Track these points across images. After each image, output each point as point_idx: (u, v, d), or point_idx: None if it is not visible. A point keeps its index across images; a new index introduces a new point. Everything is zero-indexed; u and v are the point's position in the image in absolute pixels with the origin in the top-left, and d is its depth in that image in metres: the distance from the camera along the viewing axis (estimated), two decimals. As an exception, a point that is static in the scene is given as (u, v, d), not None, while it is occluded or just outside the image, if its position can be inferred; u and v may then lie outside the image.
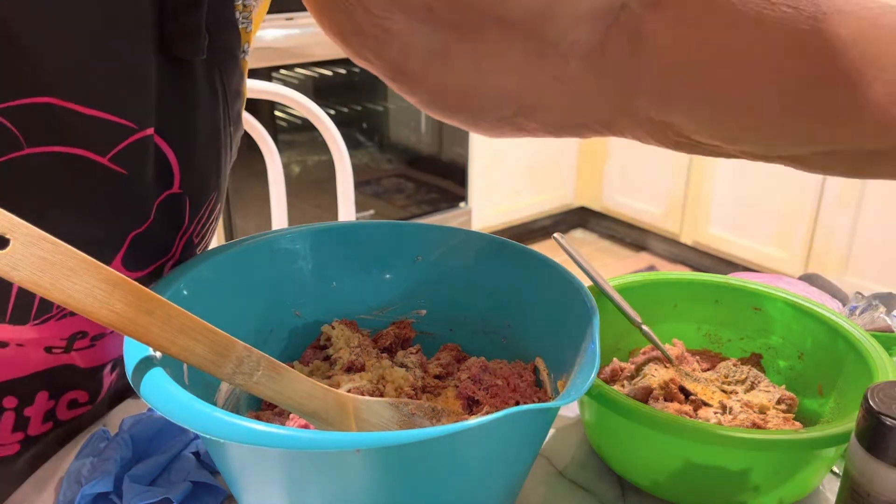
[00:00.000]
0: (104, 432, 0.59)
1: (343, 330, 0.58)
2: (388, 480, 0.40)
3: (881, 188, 2.15)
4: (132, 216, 0.49)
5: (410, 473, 0.40)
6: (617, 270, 2.74)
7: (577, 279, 0.53)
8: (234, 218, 2.11)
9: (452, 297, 0.60)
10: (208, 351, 0.40)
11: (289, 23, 2.05)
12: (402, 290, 0.61)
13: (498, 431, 0.39)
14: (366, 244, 0.60)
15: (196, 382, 0.48)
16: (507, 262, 0.57)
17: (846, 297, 0.78)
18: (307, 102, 1.16)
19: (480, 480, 0.43)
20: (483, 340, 0.60)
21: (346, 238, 0.60)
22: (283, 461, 0.39)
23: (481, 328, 0.60)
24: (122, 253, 0.50)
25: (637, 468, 0.56)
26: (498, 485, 0.45)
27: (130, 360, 0.41)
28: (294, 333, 0.59)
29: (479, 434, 0.38)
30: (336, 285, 0.60)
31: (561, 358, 0.52)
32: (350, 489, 0.40)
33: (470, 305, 0.60)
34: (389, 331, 0.60)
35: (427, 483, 0.41)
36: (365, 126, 2.46)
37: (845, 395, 0.59)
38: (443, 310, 0.61)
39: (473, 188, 2.64)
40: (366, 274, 0.61)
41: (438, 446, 0.38)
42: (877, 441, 0.41)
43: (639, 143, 0.57)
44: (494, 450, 0.42)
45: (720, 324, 0.68)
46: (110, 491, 0.53)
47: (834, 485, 0.57)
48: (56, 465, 0.59)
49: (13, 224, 0.34)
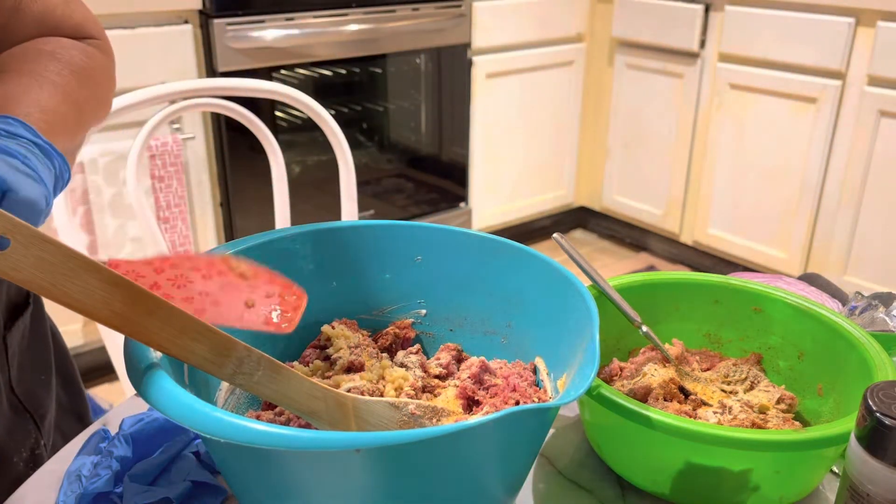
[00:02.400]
0: (104, 432, 0.59)
1: (343, 330, 0.58)
2: (388, 480, 0.40)
3: (881, 188, 2.15)
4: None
5: (410, 473, 0.40)
6: (617, 270, 2.74)
7: (576, 279, 0.53)
8: (235, 218, 2.11)
9: (452, 297, 0.60)
10: (209, 351, 0.40)
11: (289, 23, 2.05)
12: (401, 290, 0.61)
13: (498, 431, 0.39)
14: (366, 244, 0.60)
15: (196, 382, 0.48)
16: (507, 263, 0.58)
17: (846, 297, 0.78)
18: (310, 102, 1.16)
19: (480, 479, 0.43)
20: (483, 340, 0.60)
21: (347, 238, 0.60)
22: (284, 461, 0.39)
23: (481, 328, 0.60)
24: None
25: (637, 468, 0.56)
26: (498, 483, 0.45)
27: (130, 360, 0.41)
28: (294, 333, 0.59)
29: (479, 434, 0.38)
30: (336, 285, 0.60)
31: (561, 357, 0.52)
32: (350, 489, 0.40)
33: (470, 305, 0.60)
34: (389, 331, 0.60)
35: (427, 482, 0.41)
36: (365, 126, 2.46)
37: (845, 395, 0.59)
38: (443, 310, 0.61)
39: (473, 188, 2.64)
40: (366, 274, 0.61)
41: (438, 446, 0.38)
42: (876, 441, 0.41)
43: (638, 143, 0.57)
44: (494, 449, 0.42)
45: (720, 324, 0.68)
46: (110, 490, 0.53)
47: (834, 485, 0.57)
48: (56, 465, 0.58)
49: (14, 225, 0.34)
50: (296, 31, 2.07)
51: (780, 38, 2.25)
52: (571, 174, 2.93)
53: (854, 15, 2.11)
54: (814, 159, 2.26)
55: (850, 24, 2.11)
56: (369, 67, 2.35)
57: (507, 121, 2.66)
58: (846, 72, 2.16)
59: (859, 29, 2.11)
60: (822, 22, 2.16)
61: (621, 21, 2.66)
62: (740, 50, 2.35)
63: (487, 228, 2.74)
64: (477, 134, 2.59)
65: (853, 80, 2.15)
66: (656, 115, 2.64)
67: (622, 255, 2.92)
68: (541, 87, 2.70)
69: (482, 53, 2.51)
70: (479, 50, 2.50)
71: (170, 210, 1.94)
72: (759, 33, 2.29)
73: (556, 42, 2.69)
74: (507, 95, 2.62)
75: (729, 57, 2.40)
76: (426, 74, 2.48)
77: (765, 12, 2.27)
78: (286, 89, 1.16)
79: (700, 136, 2.54)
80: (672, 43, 2.51)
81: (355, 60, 2.28)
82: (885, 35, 2.05)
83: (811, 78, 2.22)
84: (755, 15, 2.29)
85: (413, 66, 2.45)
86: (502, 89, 2.60)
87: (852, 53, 2.14)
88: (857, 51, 2.13)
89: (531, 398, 0.53)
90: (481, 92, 2.54)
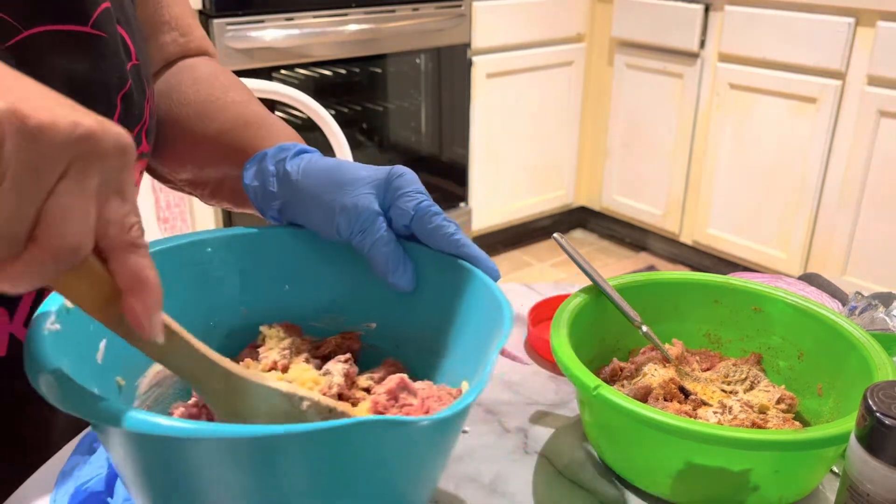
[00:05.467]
0: (102, 432, 0.59)
1: (278, 331, 0.57)
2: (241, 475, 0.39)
3: (881, 188, 2.15)
4: (117, 78, 0.60)
5: (266, 472, 0.39)
6: (617, 270, 2.74)
7: (505, 301, 0.50)
8: (235, 218, 2.11)
9: (401, 312, 0.58)
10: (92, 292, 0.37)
11: (289, 23, 2.05)
12: (355, 299, 0.59)
13: (353, 439, 0.37)
14: (325, 249, 0.58)
15: (113, 364, 0.47)
16: (449, 281, 0.55)
17: (846, 297, 0.78)
18: (310, 102, 1.16)
19: (342, 487, 0.41)
20: (428, 359, 0.57)
21: (307, 241, 0.58)
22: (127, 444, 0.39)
23: (427, 346, 0.57)
24: (118, 115, 0.61)
25: (637, 468, 0.56)
26: (372, 495, 0.43)
27: (31, 336, 0.40)
28: (237, 331, 0.58)
29: (326, 439, 0.37)
30: (289, 288, 0.59)
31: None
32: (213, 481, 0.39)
33: (415, 322, 0.57)
34: (333, 340, 0.58)
35: (293, 482, 0.40)
36: (365, 126, 2.46)
37: (845, 395, 0.58)
38: (391, 324, 0.59)
39: (473, 188, 2.64)
40: (320, 280, 0.59)
41: (287, 444, 0.37)
42: (876, 441, 0.41)
43: (638, 143, 0.57)
44: (354, 461, 0.40)
45: (720, 324, 0.68)
46: (103, 490, 0.53)
47: (834, 485, 0.57)
48: (56, 465, 0.58)
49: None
50: (296, 31, 2.07)
51: (780, 38, 2.25)
52: (571, 174, 2.93)
53: (854, 15, 2.11)
54: (814, 159, 2.26)
55: (850, 24, 2.11)
56: (369, 67, 2.35)
57: (507, 121, 2.66)
58: (846, 72, 2.16)
59: (859, 29, 2.11)
60: (822, 22, 2.16)
61: (621, 21, 2.66)
62: (740, 50, 2.35)
63: (487, 228, 2.74)
64: (477, 134, 2.59)
65: (853, 80, 2.15)
66: (656, 115, 2.64)
67: (622, 255, 2.92)
68: (541, 87, 2.70)
69: (482, 53, 2.51)
70: (479, 50, 2.50)
71: (170, 210, 1.94)
72: (758, 33, 2.29)
73: (556, 42, 2.69)
74: (507, 95, 2.62)
75: (729, 57, 2.40)
76: (426, 74, 2.48)
77: (765, 12, 2.27)
78: (286, 89, 1.16)
79: (700, 136, 2.54)
80: (672, 43, 2.51)
81: (355, 60, 2.28)
82: (885, 35, 2.05)
83: (811, 78, 2.22)
84: (755, 15, 2.29)
85: (413, 66, 2.45)
86: (502, 89, 2.60)
87: (852, 53, 2.14)
88: (856, 51, 2.13)
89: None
90: (481, 92, 2.54)
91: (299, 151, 0.58)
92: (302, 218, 0.57)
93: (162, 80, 0.72)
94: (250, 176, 0.59)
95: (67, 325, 0.43)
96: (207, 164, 0.65)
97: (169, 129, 0.69)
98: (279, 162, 0.57)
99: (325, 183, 0.55)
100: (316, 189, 0.55)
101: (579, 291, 0.65)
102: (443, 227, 0.53)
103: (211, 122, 0.65)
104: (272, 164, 0.58)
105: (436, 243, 0.54)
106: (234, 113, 0.65)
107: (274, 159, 0.58)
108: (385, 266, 0.54)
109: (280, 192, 0.57)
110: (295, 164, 0.57)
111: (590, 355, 0.64)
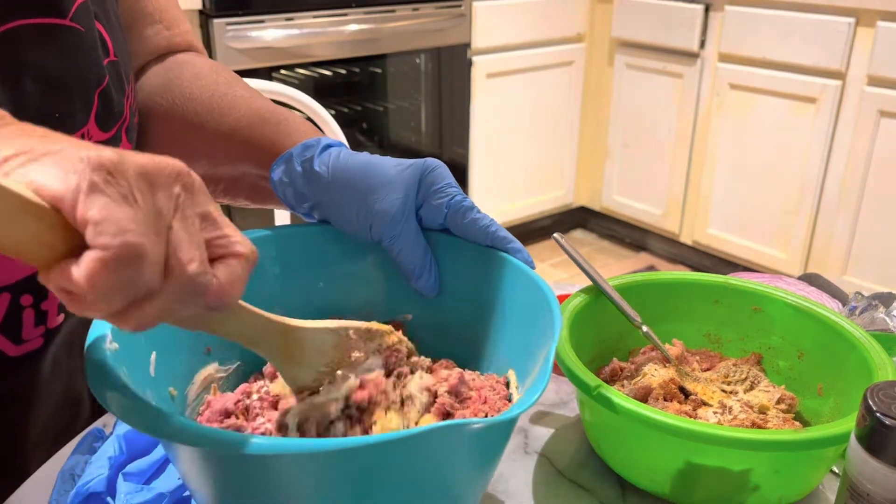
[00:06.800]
0: (99, 431, 0.59)
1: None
2: (305, 487, 0.40)
3: (881, 188, 2.15)
4: (95, 74, 0.60)
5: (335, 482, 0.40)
6: (617, 270, 2.74)
7: (547, 287, 0.51)
8: (235, 217, 2.11)
9: (438, 303, 0.58)
10: None
11: (289, 23, 2.05)
12: (390, 295, 0.59)
13: (419, 447, 0.39)
14: (359, 247, 0.58)
15: (164, 375, 0.48)
16: (487, 270, 0.56)
17: (846, 297, 0.78)
18: (311, 102, 1.16)
19: (409, 491, 0.42)
20: (468, 349, 0.58)
21: (341, 240, 0.58)
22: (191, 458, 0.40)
23: (467, 336, 0.58)
24: (94, 111, 0.60)
25: (637, 468, 0.56)
26: (436, 498, 0.44)
27: (90, 357, 0.41)
28: None
29: (407, 447, 0.38)
30: (323, 286, 0.60)
31: (528, 372, 0.50)
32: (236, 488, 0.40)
33: (453, 312, 0.58)
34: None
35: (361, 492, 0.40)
36: (365, 126, 2.46)
37: (845, 395, 0.58)
38: (427, 316, 0.59)
39: (473, 188, 2.64)
40: (355, 277, 0.59)
41: (355, 456, 0.38)
42: (876, 441, 0.41)
43: (638, 143, 0.57)
44: (417, 464, 0.41)
45: (720, 324, 0.68)
46: (104, 490, 0.53)
47: (834, 485, 0.57)
48: (55, 465, 0.58)
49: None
50: (296, 31, 2.07)
51: (780, 38, 2.25)
52: (571, 174, 2.93)
53: (854, 15, 2.11)
54: (814, 159, 2.26)
55: (850, 24, 2.11)
56: (369, 67, 2.34)
57: (507, 121, 2.66)
58: (846, 72, 2.16)
59: (859, 29, 2.11)
60: (822, 22, 2.15)
61: (621, 21, 2.65)
62: (740, 50, 2.35)
63: (487, 228, 2.73)
64: (477, 134, 2.59)
65: (853, 80, 2.15)
66: (656, 116, 2.64)
67: (622, 255, 2.92)
68: (541, 87, 2.70)
69: (482, 53, 2.51)
70: (479, 50, 2.50)
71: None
72: (759, 33, 2.29)
73: (556, 42, 2.69)
74: (507, 95, 2.62)
75: (729, 57, 2.40)
76: (426, 74, 2.48)
77: (765, 12, 2.27)
78: (286, 89, 1.16)
79: (700, 136, 2.54)
80: (672, 43, 2.51)
81: (355, 60, 2.28)
82: (885, 35, 2.05)
83: (811, 78, 2.22)
84: (755, 15, 2.29)
85: (413, 66, 2.45)
86: (502, 89, 2.60)
87: (852, 53, 2.14)
88: (856, 51, 2.13)
89: (499, 412, 0.50)
90: (481, 92, 2.54)
91: (325, 147, 0.58)
92: (334, 219, 0.57)
93: (155, 74, 0.71)
94: (278, 175, 0.58)
95: (122, 342, 0.43)
96: (223, 161, 0.65)
97: (174, 124, 0.68)
98: (305, 161, 0.57)
99: (356, 186, 0.55)
100: (347, 192, 0.55)
101: (579, 291, 0.65)
102: (477, 221, 0.55)
103: (224, 118, 0.64)
104: (298, 163, 0.57)
105: (472, 236, 0.55)
106: (247, 108, 0.64)
107: (300, 158, 0.57)
108: (411, 271, 0.56)
109: (311, 194, 0.57)
110: (323, 164, 0.56)
111: (590, 355, 0.63)
